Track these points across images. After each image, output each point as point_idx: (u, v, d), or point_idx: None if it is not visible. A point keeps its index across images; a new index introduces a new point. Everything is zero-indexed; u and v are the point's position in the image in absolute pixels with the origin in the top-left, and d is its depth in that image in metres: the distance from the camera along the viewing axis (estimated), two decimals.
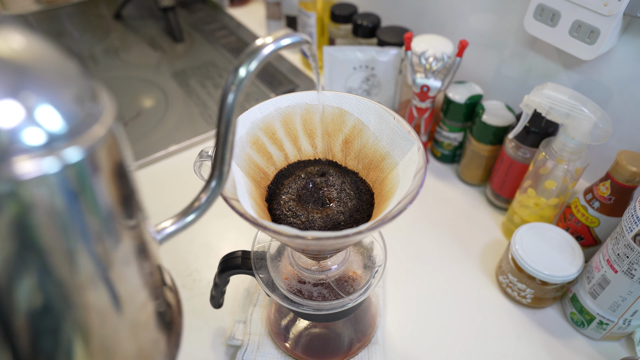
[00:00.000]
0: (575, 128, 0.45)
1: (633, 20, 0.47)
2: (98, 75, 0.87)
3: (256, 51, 0.24)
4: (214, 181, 0.26)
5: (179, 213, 0.26)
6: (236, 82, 0.24)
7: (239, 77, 0.24)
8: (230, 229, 0.60)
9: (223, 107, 0.24)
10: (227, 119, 0.24)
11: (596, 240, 0.51)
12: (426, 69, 0.59)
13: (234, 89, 0.24)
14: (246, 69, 0.24)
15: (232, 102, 0.24)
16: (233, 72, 0.24)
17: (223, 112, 0.24)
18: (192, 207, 0.26)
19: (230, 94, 0.24)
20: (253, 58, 0.24)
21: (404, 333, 0.49)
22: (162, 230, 0.26)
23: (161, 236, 0.25)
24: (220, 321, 0.50)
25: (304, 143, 0.37)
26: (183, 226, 0.26)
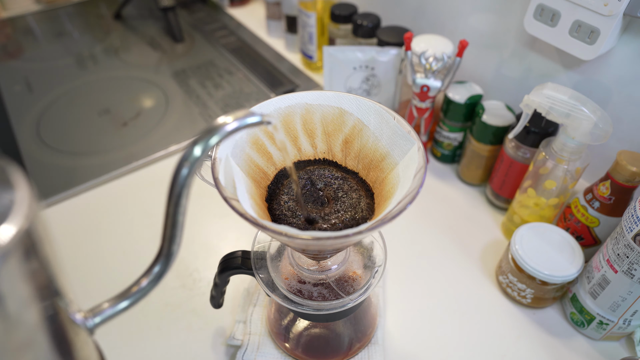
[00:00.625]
0: (575, 128, 0.45)
1: (633, 20, 0.47)
2: (98, 75, 0.87)
3: (215, 130, 0.23)
4: (158, 266, 0.24)
5: (115, 296, 0.24)
6: (191, 159, 0.22)
7: (193, 155, 0.22)
8: (230, 229, 0.60)
9: (175, 181, 0.22)
10: (178, 196, 0.22)
11: (596, 240, 0.51)
12: (426, 69, 0.59)
13: (187, 165, 0.22)
14: (202, 147, 0.22)
15: (185, 178, 0.22)
16: (189, 147, 0.22)
17: (174, 187, 0.22)
18: (130, 292, 0.24)
19: (184, 169, 0.22)
20: (211, 135, 0.23)
21: (404, 333, 0.49)
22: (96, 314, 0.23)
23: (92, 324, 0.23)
24: (220, 321, 0.50)
25: (304, 143, 0.37)
26: (118, 311, 0.24)
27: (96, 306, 0.24)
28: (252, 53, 0.92)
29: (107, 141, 0.72)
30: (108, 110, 0.78)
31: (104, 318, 0.23)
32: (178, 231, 0.23)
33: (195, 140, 0.23)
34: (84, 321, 0.23)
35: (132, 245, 0.57)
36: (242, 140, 0.33)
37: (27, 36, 0.99)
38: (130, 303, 0.24)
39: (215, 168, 0.29)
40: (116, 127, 0.75)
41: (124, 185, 0.66)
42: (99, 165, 0.67)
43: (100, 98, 0.81)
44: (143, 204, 0.63)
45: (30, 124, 0.74)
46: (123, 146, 0.71)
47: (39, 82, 0.84)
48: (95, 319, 0.23)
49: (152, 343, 0.48)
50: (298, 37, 0.88)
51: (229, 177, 0.30)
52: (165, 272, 0.24)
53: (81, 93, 0.82)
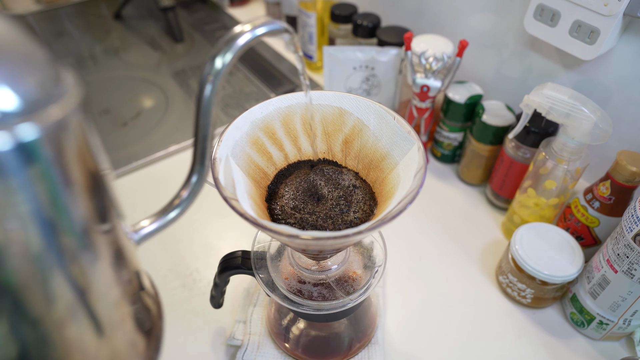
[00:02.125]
0: (575, 128, 0.45)
1: (633, 20, 0.47)
2: (98, 75, 0.87)
3: (233, 39, 0.23)
4: (194, 176, 0.25)
5: (158, 211, 0.25)
6: (213, 72, 0.23)
7: (215, 67, 0.22)
8: (230, 229, 0.60)
9: (201, 98, 0.23)
10: (206, 110, 0.23)
11: (596, 240, 0.51)
12: (426, 69, 0.59)
13: (211, 79, 0.23)
14: (222, 59, 0.23)
15: (211, 93, 0.23)
16: (210, 62, 0.23)
17: (201, 103, 0.23)
18: (173, 205, 0.25)
19: (208, 84, 0.23)
20: (230, 47, 0.23)
21: (404, 333, 0.49)
22: (139, 230, 0.24)
23: (139, 236, 0.24)
24: (220, 321, 0.50)
25: (304, 143, 0.37)
26: (164, 224, 0.25)
27: (140, 221, 0.25)
28: (252, 53, 0.92)
29: (107, 141, 0.72)
30: (108, 110, 0.78)
31: (148, 233, 0.24)
32: (209, 143, 0.24)
33: (214, 54, 0.23)
34: (132, 235, 0.24)
35: None
36: (242, 140, 0.33)
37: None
38: (175, 215, 0.24)
39: (215, 168, 0.29)
40: (116, 127, 0.75)
41: (124, 185, 0.66)
42: None
43: (100, 98, 0.81)
44: (143, 204, 0.63)
45: None
46: (123, 146, 0.71)
47: None
48: (143, 231, 0.24)
49: None
50: (298, 37, 0.88)
51: (229, 177, 0.30)
52: (202, 181, 0.25)
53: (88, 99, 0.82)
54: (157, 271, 0.54)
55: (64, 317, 0.18)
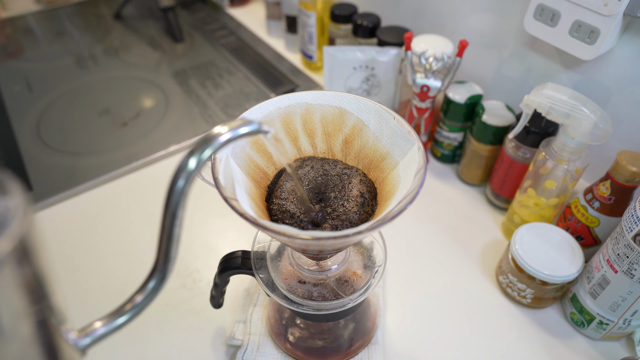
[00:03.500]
0: (575, 128, 0.45)
1: (633, 20, 0.47)
2: (98, 75, 0.87)
3: (210, 140, 0.22)
4: (153, 280, 0.23)
5: (109, 314, 0.23)
6: (187, 171, 0.22)
7: (189, 167, 0.22)
8: (230, 229, 0.60)
9: (171, 193, 0.22)
10: (174, 209, 0.22)
11: (596, 240, 0.51)
12: (426, 69, 0.59)
13: (183, 176, 0.22)
14: (197, 158, 0.22)
15: (182, 189, 0.22)
16: (185, 159, 0.22)
17: (170, 199, 0.22)
18: (123, 310, 0.23)
19: (180, 180, 0.22)
20: (207, 147, 0.22)
21: (404, 333, 0.49)
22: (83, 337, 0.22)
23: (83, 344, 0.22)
24: (220, 321, 0.50)
25: (304, 143, 0.37)
26: (112, 330, 0.23)
27: (88, 325, 0.23)
28: (252, 53, 0.92)
29: (107, 141, 0.72)
30: (108, 110, 0.78)
31: (95, 338, 0.22)
32: (174, 245, 0.22)
33: (191, 152, 0.22)
34: (76, 341, 0.22)
35: (132, 245, 0.57)
36: (242, 140, 0.33)
37: (27, 36, 0.99)
38: (124, 321, 0.23)
39: (215, 168, 0.29)
40: (116, 127, 0.75)
41: (124, 185, 0.66)
42: (99, 165, 0.67)
43: (100, 98, 0.81)
44: (143, 204, 0.63)
45: (30, 124, 0.74)
46: (123, 146, 0.71)
47: (39, 82, 0.84)
48: (87, 340, 0.22)
49: (153, 343, 0.48)
50: (298, 37, 0.88)
51: (228, 177, 0.30)
52: (160, 287, 0.23)
53: (81, 93, 0.82)
54: None
55: None
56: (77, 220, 0.61)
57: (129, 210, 0.62)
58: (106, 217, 0.61)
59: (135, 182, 0.66)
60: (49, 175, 0.66)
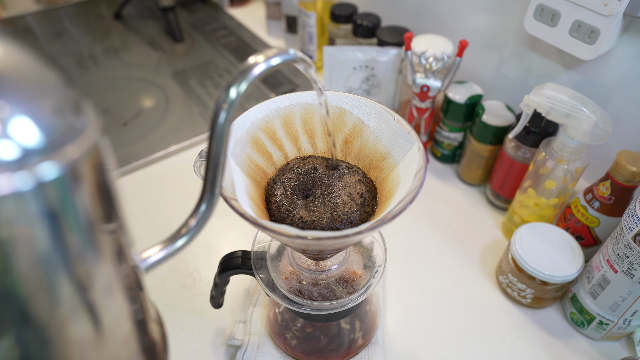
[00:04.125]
0: (575, 128, 0.45)
1: (633, 20, 0.47)
2: (98, 75, 0.87)
3: (248, 69, 0.23)
4: (203, 204, 0.24)
5: (167, 238, 0.24)
6: (228, 101, 0.23)
7: (230, 97, 0.23)
8: (230, 229, 0.60)
9: (214, 125, 0.23)
10: (220, 138, 0.23)
11: (596, 240, 0.51)
12: (426, 69, 0.59)
13: (225, 107, 0.23)
14: (237, 89, 0.23)
15: (224, 122, 0.23)
16: (224, 90, 0.23)
17: (214, 130, 0.23)
18: (180, 233, 0.24)
19: (222, 112, 0.23)
20: (245, 77, 0.23)
21: (404, 333, 0.49)
22: (147, 258, 0.24)
23: (146, 264, 0.24)
24: (220, 321, 0.50)
25: (304, 143, 0.37)
26: (172, 252, 0.24)
27: (150, 248, 0.24)
28: (252, 53, 0.92)
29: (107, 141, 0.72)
30: (108, 110, 0.78)
31: (155, 261, 0.24)
32: (219, 171, 0.24)
33: (229, 83, 0.23)
34: (141, 262, 0.23)
35: None
36: (242, 139, 0.33)
37: (27, 36, 0.99)
38: (182, 244, 0.24)
39: None
40: (116, 127, 0.75)
41: (124, 185, 0.66)
42: None
43: (100, 98, 0.81)
44: (143, 204, 0.63)
45: None
46: (123, 146, 0.71)
47: None
48: (150, 260, 0.24)
49: None
50: (298, 37, 0.88)
51: (228, 177, 0.30)
52: (211, 211, 0.24)
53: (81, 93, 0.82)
54: (157, 271, 0.54)
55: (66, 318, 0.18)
56: None
57: (129, 210, 0.62)
58: None
59: (135, 182, 0.66)
60: None
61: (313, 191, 0.34)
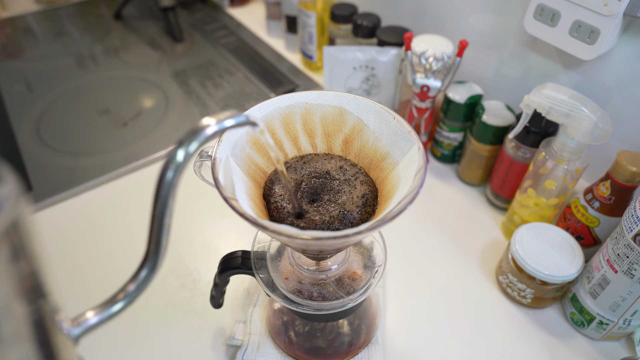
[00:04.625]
0: (575, 128, 0.45)
1: (633, 20, 0.47)
2: (98, 75, 0.87)
3: (200, 130, 0.23)
4: (145, 269, 0.23)
5: (102, 303, 0.23)
6: (175, 162, 0.22)
7: (177, 159, 0.22)
8: (230, 229, 0.60)
9: (160, 185, 0.22)
10: (164, 200, 0.22)
11: (596, 240, 0.51)
12: (426, 69, 0.59)
13: (172, 167, 0.22)
14: (185, 151, 0.22)
15: (171, 180, 0.22)
16: (173, 150, 0.22)
17: (160, 190, 0.22)
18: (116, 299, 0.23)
19: (169, 171, 0.22)
20: (195, 137, 0.23)
21: (404, 333, 0.49)
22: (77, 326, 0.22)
23: (77, 332, 0.22)
24: (220, 321, 0.50)
25: (304, 143, 0.37)
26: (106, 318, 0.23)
27: (80, 314, 0.23)
28: (252, 53, 0.92)
29: (107, 141, 0.72)
30: (108, 110, 0.78)
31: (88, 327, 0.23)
32: (164, 234, 0.23)
33: (179, 144, 0.23)
34: (70, 330, 0.22)
35: (132, 245, 0.57)
36: (242, 140, 0.33)
37: (27, 36, 0.99)
38: (118, 309, 0.23)
39: (215, 168, 0.29)
40: (116, 127, 0.75)
41: (124, 185, 0.66)
42: (99, 165, 0.67)
43: (100, 98, 0.81)
44: (143, 204, 0.63)
45: (30, 124, 0.74)
46: (123, 146, 0.71)
47: (39, 82, 0.84)
48: (79, 329, 0.22)
49: (153, 343, 0.48)
50: (298, 37, 0.88)
51: (228, 177, 0.30)
52: (152, 276, 0.23)
53: (81, 93, 0.82)
54: None
55: None
56: (77, 220, 0.61)
57: (129, 210, 0.62)
58: (106, 217, 0.61)
59: (135, 182, 0.66)
60: (49, 175, 0.66)
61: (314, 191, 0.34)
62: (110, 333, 0.48)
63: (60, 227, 0.60)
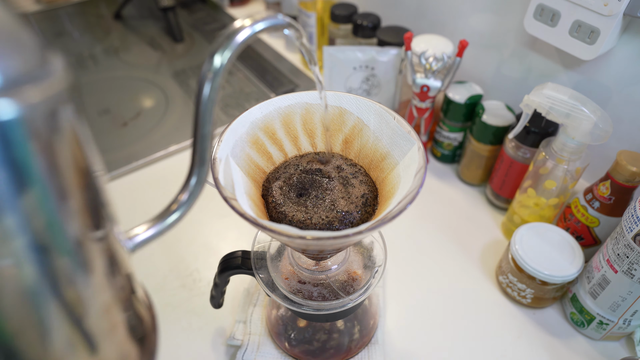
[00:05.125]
0: (575, 128, 0.45)
1: (633, 20, 0.47)
2: (98, 75, 0.87)
3: (233, 34, 0.22)
4: (194, 177, 0.23)
5: (156, 216, 0.23)
6: (213, 70, 0.21)
7: (214, 65, 0.21)
8: (230, 229, 0.60)
9: (200, 96, 0.21)
10: (206, 108, 0.22)
11: (596, 240, 0.51)
12: (426, 69, 0.59)
13: (210, 76, 0.21)
14: (222, 56, 0.21)
15: (210, 91, 0.22)
16: (209, 58, 0.21)
17: (200, 101, 0.21)
18: (170, 210, 0.23)
19: (207, 82, 0.21)
20: (230, 43, 0.22)
21: (404, 333, 0.49)
22: (134, 237, 0.22)
23: (133, 244, 0.22)
24: (220, 321, 0.50)
25: (304, 143, 0.37)
26: (161, 230, 0.23)
27: (137, 226, 0.23)
28: (252, 53, 0.92)
29: (107, 141, 0.72)
30: (108, 110, 0.78)
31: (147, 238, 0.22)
32: (208, 142, 0.23)
33: (213, 51, 0.21)
34: (127, 241, 0.22)
35: None
36: (242, 140, 0.33)
37: None
38: (174, 219, 0.23)
39: (215, 168, 0.29)
40: (116, 127, 0.75)
41: (124, 185, 0.66)
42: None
43: (100, 98, 0.81)
44: (143, 204, 0.63)
45: None
46: (123, 146, 0.71)
47: None
48: (138, 238, 0.22)
49: None
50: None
51: (228, 177, 0.30)
52: (201, 184, 0.23)
53: (81, 93, 0.82)
54: (157, 271, 0.54)
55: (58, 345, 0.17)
56: None
57: (129, 210, 0.62)
58: None
59: (135, 182, 0.66)
60: None
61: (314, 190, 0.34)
62: None
63: None
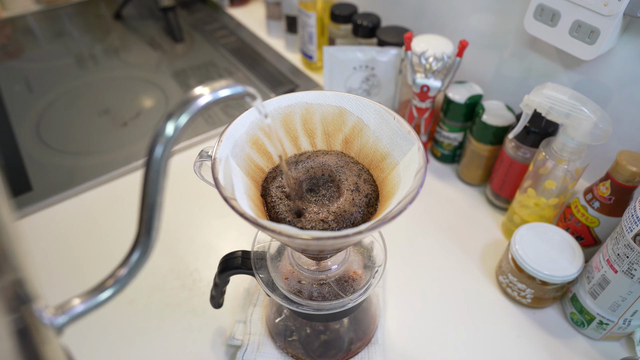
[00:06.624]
0: (575, 128, 0.45)
1: (633, 20, 0.47)
2: (98, 75, 0.87)
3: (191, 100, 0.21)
4: (137, 251, 0.21)
5: (89, 290, 0.21)
6: (165, 136, 0.20)
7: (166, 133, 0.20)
8: (230, 229, 0.60)
9: (150, 161, 0.20)
10: (155, 177, 0.20)
11: (596, 240, 0.51)
12: (426, 69, 0.59)
13: (162, 141, 0.20)
14: (176, 122, 0.21)
15: (160, 156, 0.20)
16: (162, 123, 0.20)
17: (150, 167, 0.20)
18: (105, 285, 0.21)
19: (158, 146, 0.20)
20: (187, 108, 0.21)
21: (404, 333, 0.49)
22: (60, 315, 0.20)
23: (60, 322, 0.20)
24: (220, 321, 0.50)
25: (304, 143, 0.37)
26: (93, 307, 0.21)
27: (65, 302, 0.21)
28: (252, 53, 0.92)
29: (107, 141, 0.72)
30: (108, 110, 0.78)
31: (73, 316, 0.20)
32: (156, 215, 0.21)
33: (168, 116, 0.21)
34: (52, 319, 0.20)
35: None
36: (242, 139, 0.33)
37: (27, 36, 0.99)
38: (107, 296, 0.21)
39: (215, 168, 0.29)
40: (116, 127, 0.75)
41: (124, 185, 0.66)
42: (99, 165, 0.67)
43: (100, 98, 0.81)
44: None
45: (30, 124, 0.74)
46: (123, 146, 0.71)
47: (39, 82, 0.84)
48: (63, 318, 0.20)
49: (153, 343, 0.48)
50: (298, 37, 0.88)
51: (228, 177, 0.30)
52: (144, 260, 0.21)
53: (81, 93, 0.82)
54: (157, 271, 0.54)
55: None
56: (77, 220, 0.61)
57: (129, 210, 0.62)
58: (106, 217, 0.61)
59: (136, 182, 0.66)
60: (49, 175, 0.66)
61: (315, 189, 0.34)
62: (110, 333, 0.48)
63: (61, 227, 0.60)
